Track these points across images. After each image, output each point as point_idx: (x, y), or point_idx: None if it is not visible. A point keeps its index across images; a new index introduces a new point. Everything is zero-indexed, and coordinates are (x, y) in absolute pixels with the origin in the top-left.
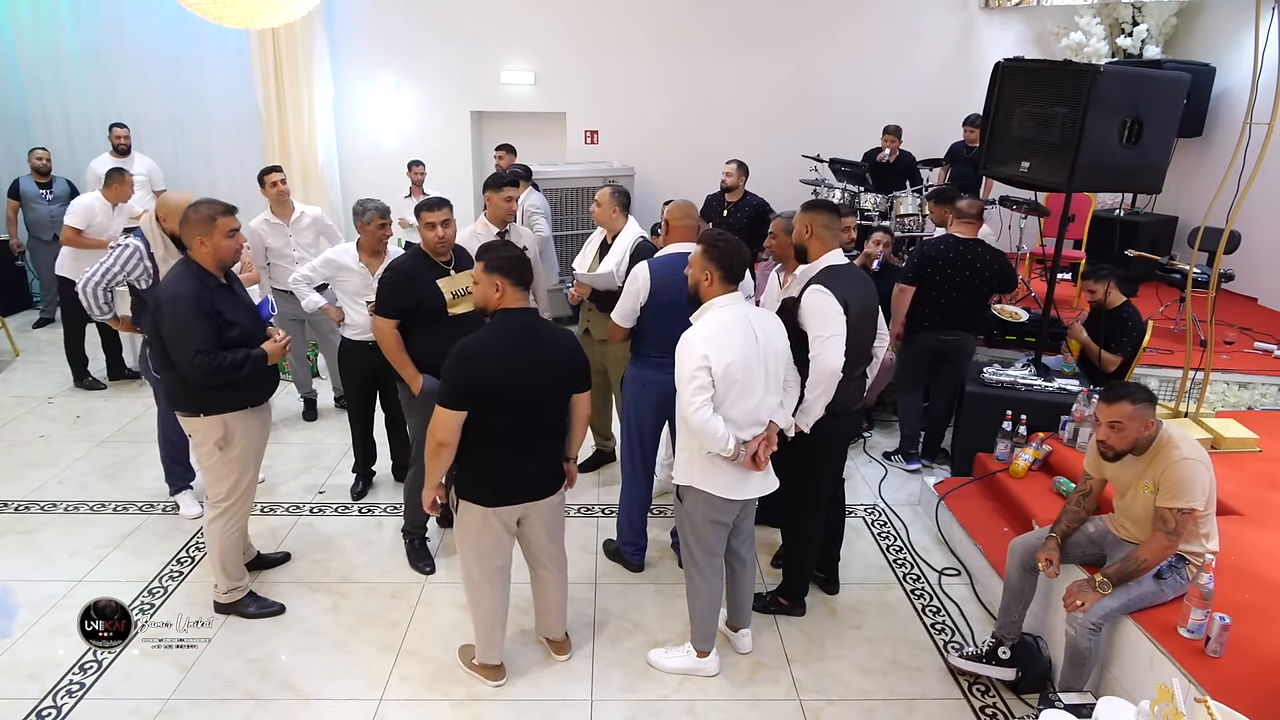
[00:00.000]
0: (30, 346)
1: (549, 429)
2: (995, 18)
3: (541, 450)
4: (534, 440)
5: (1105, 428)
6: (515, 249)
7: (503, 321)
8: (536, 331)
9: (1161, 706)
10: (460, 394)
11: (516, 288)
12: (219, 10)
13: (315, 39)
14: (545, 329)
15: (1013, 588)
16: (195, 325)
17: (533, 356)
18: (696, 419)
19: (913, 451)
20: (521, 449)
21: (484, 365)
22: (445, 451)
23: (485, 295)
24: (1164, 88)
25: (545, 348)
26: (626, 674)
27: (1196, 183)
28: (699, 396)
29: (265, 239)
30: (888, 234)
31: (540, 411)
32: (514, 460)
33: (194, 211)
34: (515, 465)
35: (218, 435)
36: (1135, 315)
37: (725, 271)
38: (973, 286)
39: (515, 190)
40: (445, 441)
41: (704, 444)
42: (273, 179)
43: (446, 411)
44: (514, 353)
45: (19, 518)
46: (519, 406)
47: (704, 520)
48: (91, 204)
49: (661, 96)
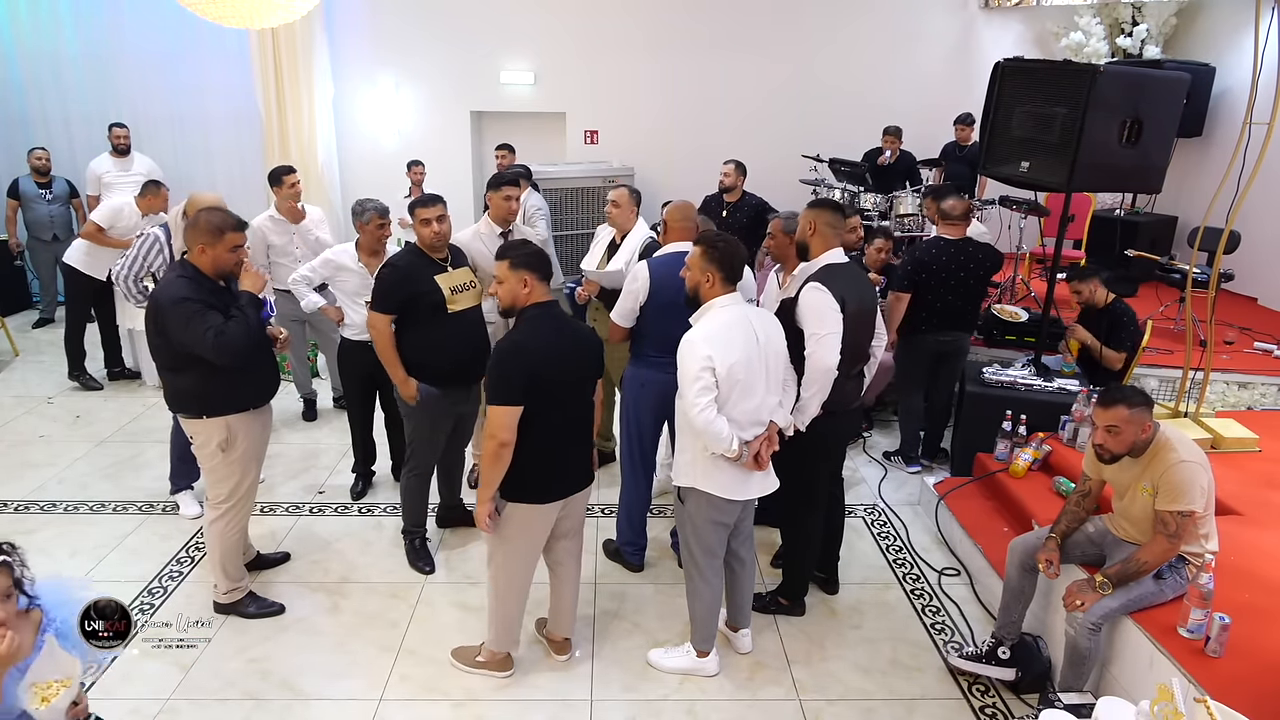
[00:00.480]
0: (30, 346)
1: (585, 415)
2: (995, 18)
3: (583, 435)
4: (581, 429)
5: (1102, 431)
6: (533, 244)
7: (539, 315)
8: (567, 323)
9: (1161, 706)
10: (518, 389)
11: (542, 282)
12: (219, 10)
13: (315, 39)
14: (571, 320)
15: (1012, 588)
16: (202, 315)
17: (569, 347)
18: (701, 420)
19: (913, 455)
20: (574, 438)
21: (537, 359)
22: (506, 452)
23: (513, 292)
24: (1164, 88)
25: (578, 337)
26: (626, 674)
27: (1196, 183)
28: (703, 398)
29: (269, 236)
30: (887, 238)
31: (580, 401)
32: (568, 451)
33: (205, 217)
34: (568, 456)
35: (220, 437)
36: (1129, 311)
37: (726, 272)
38: (968, 286)
39: (515, 189)
40: (507, 441)
41: (708, 445)
42: (290, 179)
43: (504, 410)
44: (557, 344)
45: (19, 518)
46: (567, 397)
47: (706, 521)
48: (122, 207)
49: (661, 96)
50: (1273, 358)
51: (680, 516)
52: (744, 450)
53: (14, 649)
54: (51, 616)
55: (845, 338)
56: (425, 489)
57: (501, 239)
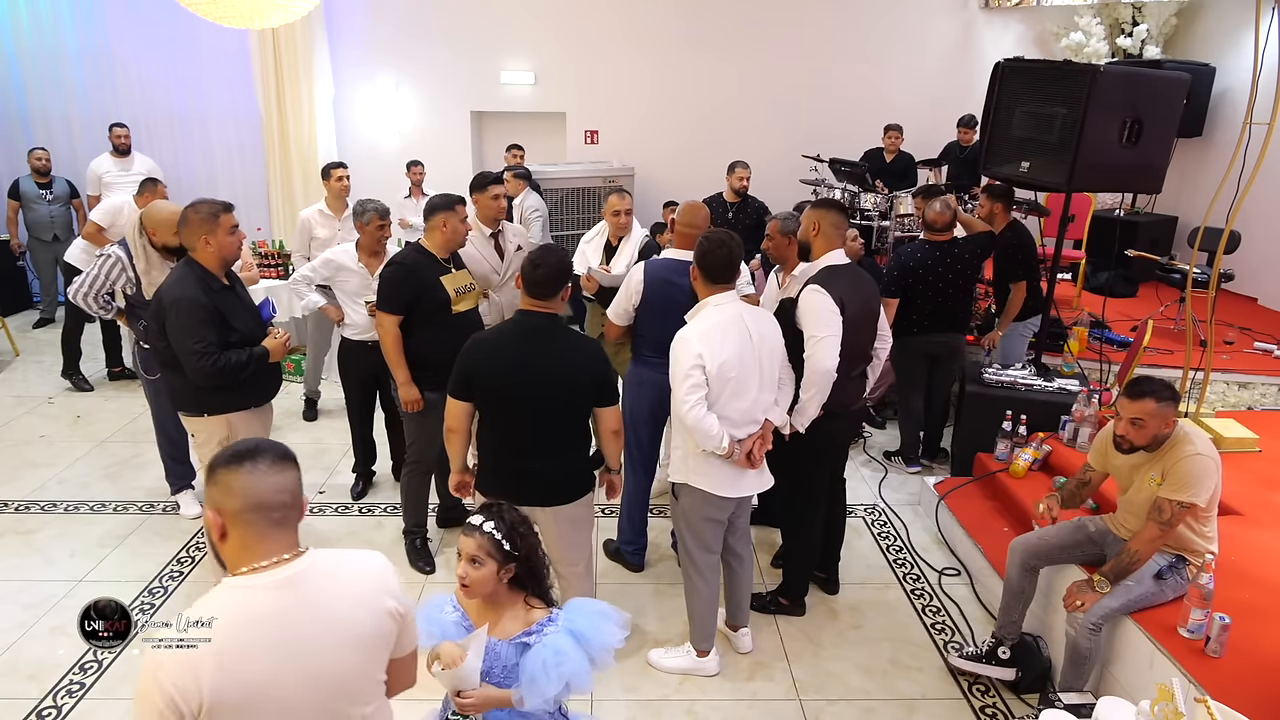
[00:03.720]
0: (30, 346)
1: (556, 434)
2: (995, 18)
3: (546, 453)
4: (537, 441)
5: (1126, 423)
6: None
7: (515, 321)
8: (549, 336)
9: (1161, 706)
10: (459, 383)
11: (527, 293)
12: (219, 10)
13: (315, 39)
14: (560, 335)
15: (1013, 588)
16: (197, 327)
17: (539, 358)
18: (691, 417)
19: (913, 455)
20: (521, 448)
21: (483, 359)
22: (454, 438)
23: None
24: (1164, 88)
25: (555, 352)
26: (626, 674)
27: (1196, 183)
28: (693, 395)
29: (314, 229)
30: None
31: (544, 414)
32: (514, 458)
33: (194, 212)
34: (514, 463)
35: (221, 435)
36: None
37: (705, 272)
38: (956, 287)
39: (500, 188)
40: (452, 428)
41: (699, 442)
42: (338, 174)
43: (453, 400)
44: (518, 351)
45: (19, 518)
46: (518, 405)
47: (699, 518)
48: (121, 206)
49: (662, 96)
50: (1273, 358)
51: (675, 513)
52: (735, 448)
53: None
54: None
55: (846, 339)
56: (426, 487)
57: (492, 240)
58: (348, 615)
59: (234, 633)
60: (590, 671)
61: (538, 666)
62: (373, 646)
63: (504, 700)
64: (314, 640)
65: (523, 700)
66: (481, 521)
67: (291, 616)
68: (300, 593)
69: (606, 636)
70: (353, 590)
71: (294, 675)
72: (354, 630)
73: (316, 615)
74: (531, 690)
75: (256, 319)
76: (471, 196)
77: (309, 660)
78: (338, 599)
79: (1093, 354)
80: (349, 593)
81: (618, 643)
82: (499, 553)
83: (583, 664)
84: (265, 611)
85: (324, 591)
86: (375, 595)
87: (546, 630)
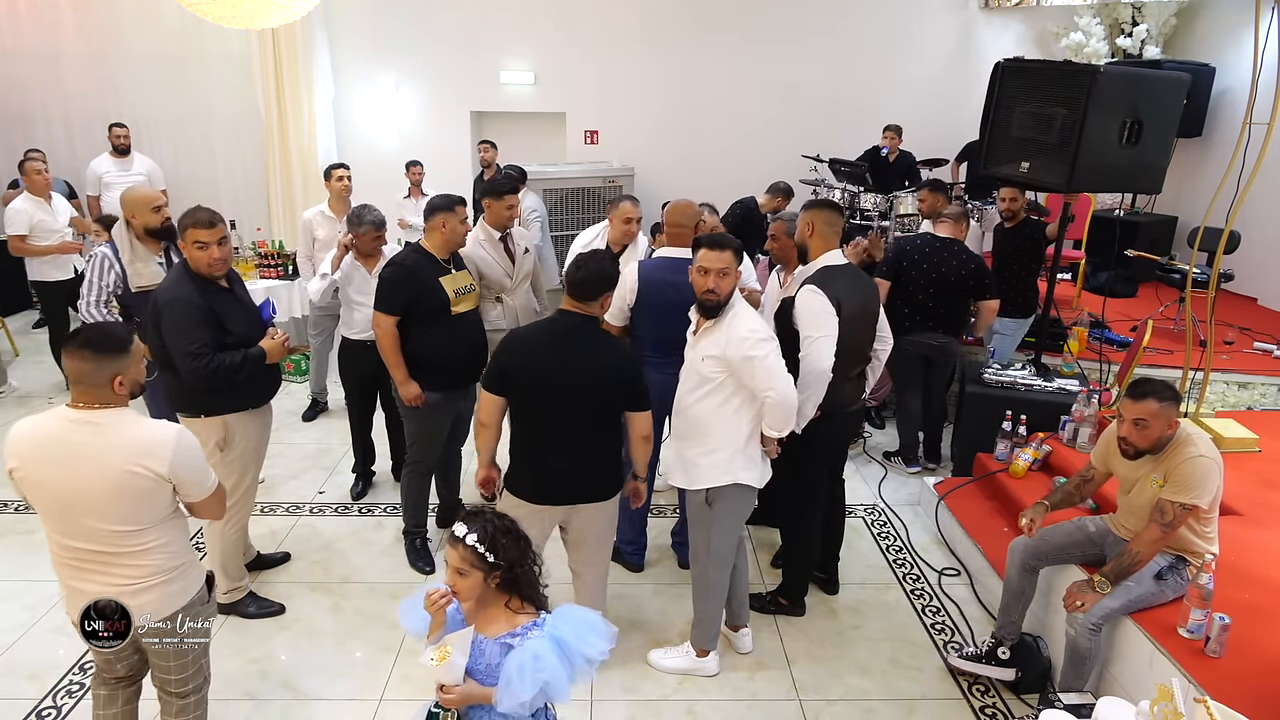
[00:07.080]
0: (30, 346)
1: (587, 433)
2: (995, 18)
3: (576, 451)
4: (567, 439)
5: (1129, 424)
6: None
7: (552, 319)
8: (584, 337)
9: (1161, 706)
10: (494, 378)
11: (568, 293)
12: (220, 11)
13: (315, 39)
14: (595, 338)
15: (1013, 588)
16: (191, 328)
17: (571, 359)
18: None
19: (913, 455)
20: (555, 445)
21: (519, 356)
22: (484, 432)
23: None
24: (1164, 88)
25: (588, 354)
26: (626, 674)
27: (1196, 183)
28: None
29: (315, 230)
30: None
31: (576, 413)
32: (546, 455)
33: (184, 217)
34: (547, 460)
35: (218, 436)
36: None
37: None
38: (949, 285)
39: (515, 197)
40: (484, 422)
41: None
42: (339, 174)
43: (484, 394)
44: (552, 350)
45: (19, 518)
46: (551, 403)
47: (738, 518)
48: (22, 206)
49: (662, 96)
50: (1273, 358)
51: (705, 520)
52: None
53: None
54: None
55: (844, 339)
56: (426, 487)
57: (501, 244)
58: (113, 462)
59: (27, 435)
60: (568, 681)
61: (514, 669)
62: (131, 490)
63: (484, 697)
64: (81, 463)
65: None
66: (465, 533)
67: (74, 438)
68: (88, 430)
69: (589, 648)
70: (128, 446)
71: (57, 482)
72: (109, 472)
73: (95, 451)
74: (506, 692)
75: (255, 320)
76: (485, 201)
77: (75, 477)
78: (111, 448)
79: (1092, 354)
80: (122, 446)
81: (601, 655)
82: (482, 563)
83: (560, 672)
84: (55, 432)
85: (106, 437)
86: (138, 455)
87: (530, 634)
